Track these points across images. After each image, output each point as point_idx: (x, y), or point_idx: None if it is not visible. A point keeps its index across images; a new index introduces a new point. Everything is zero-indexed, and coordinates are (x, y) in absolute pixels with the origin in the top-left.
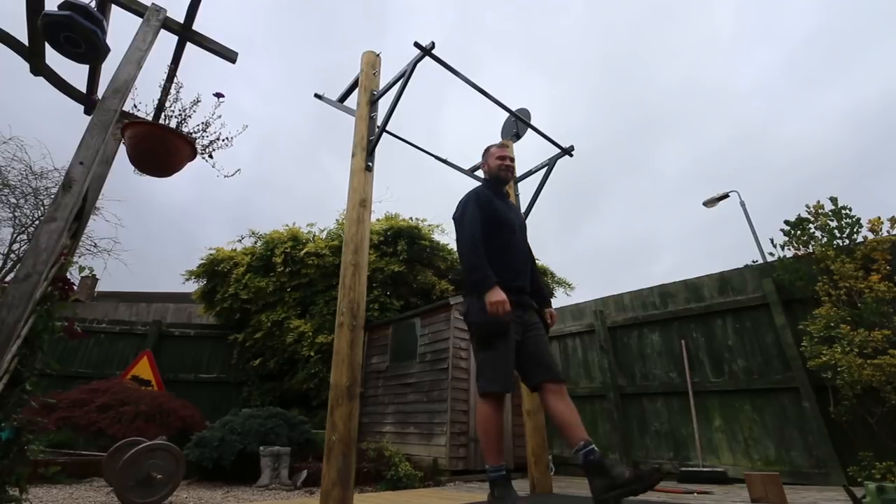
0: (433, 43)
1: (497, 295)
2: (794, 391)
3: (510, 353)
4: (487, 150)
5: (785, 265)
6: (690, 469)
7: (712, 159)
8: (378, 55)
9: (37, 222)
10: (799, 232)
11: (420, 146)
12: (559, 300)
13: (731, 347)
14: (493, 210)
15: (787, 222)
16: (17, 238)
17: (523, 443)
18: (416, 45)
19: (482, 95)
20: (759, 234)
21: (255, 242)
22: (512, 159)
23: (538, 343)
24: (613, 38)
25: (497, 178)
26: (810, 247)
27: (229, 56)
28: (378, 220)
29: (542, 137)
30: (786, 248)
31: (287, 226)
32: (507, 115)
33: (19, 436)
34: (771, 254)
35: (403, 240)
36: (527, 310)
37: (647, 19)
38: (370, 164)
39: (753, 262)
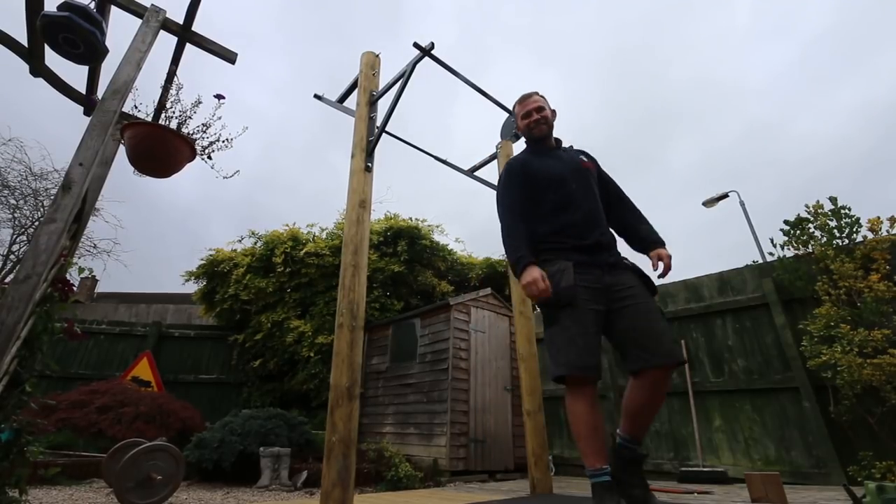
0: (432, 44)
1: (527, 276)
2: (794, 391)
3: (579, 325)
4: (514, 111)
5: (784, 265)
6: (690, 469)
7: (721, 156)
8: (377, 56)
9: (36, 223)
10: (798, 232)
11: (419, 146)
12: None
13: (730, 347)
14: (528, 174)
15: (786, 222)
16: (17, 239)
17: (523, 443)
18: (416, 45)
19: (483, 96)
20: (766, 231)
21: (255, 243)
22: (539, 109)
23: (634, 313)
24: (626, 35)
25: (530, 138)
26: (810, 246)
27: (228, 57)
28: (378, 220)
29: None
30: (785, 247)
31: (287, 226)
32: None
33: (19, 437)
34: (771, 253)
35: (403, 240)
36: (611, 270)
37: (662, 14)
38: (370, 164)
39: (753, 261)
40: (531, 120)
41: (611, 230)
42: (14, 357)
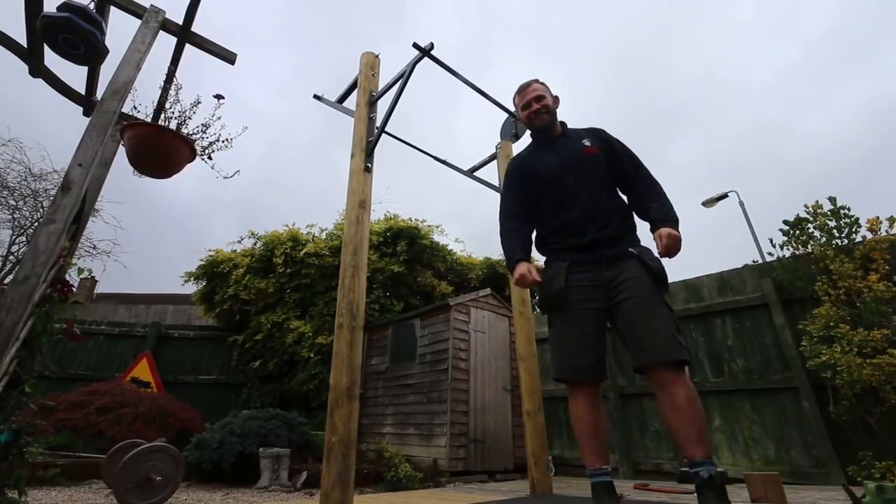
0: (432, 44)
1: (517, 273)
2: (793, 391)
3: (573, 327)
4: (514, 103)
5: (784, 265)
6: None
7: (724, 154)
8: (377, 56)
9: (36, 224)
10: (798, 232)
11: (420, 147)
12: None
13: (730, 347)
14: (525, 174)
15: (785, 222)
16: (16, 240)
17: (523, 443)
18: (415, 45)
19: (482, 96)
20: (770, 231)
21: (255, 243)
22: (538, 98)
23: (628, 309)
24: (631, 33)
25: (532, 128)
26: (809, 246)
27: (228, 57)
28: (378, 220)
29: None
30: (785, 247)
31: (287, 226)
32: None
33: (18, 438)
34: (770, 254)
35: (403, 240)
36: (610, 264)
37: (666, 13)
38: (369, 164)
39: (753, 261)
40: (531, 110)
41: (616, 220)
42: (13, 358)
